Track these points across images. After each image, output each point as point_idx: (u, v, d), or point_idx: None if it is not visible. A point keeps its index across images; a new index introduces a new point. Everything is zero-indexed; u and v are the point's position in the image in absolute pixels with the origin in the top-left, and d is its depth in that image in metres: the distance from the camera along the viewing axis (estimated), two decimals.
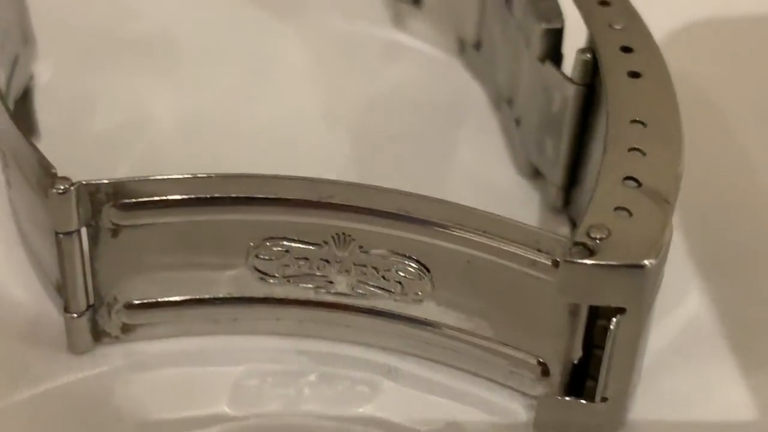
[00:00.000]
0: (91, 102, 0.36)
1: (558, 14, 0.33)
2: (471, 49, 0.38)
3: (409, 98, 0.38)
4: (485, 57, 0.37)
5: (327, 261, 0.28)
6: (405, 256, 0.28)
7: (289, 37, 0.39)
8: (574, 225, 0.33)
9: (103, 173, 0.34)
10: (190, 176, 0.27)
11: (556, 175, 0.33)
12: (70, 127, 0.36)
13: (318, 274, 0.28)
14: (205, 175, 0.27)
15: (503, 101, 0.36)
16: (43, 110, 0.36)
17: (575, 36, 0.33)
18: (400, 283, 0.28)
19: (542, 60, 0.33)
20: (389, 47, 0.40)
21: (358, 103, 0.37)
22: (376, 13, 0.40)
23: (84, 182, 0.26)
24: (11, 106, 0.33)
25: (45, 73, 0.37)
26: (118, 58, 0.38)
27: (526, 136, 0.34)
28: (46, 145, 0.34)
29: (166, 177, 0.27)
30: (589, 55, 0.31)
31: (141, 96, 0.37)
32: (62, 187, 0.26)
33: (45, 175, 0.27)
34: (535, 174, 0.35)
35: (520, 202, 0.34)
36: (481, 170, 0.35)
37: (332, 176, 0.35)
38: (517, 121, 0.35)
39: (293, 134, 0.36)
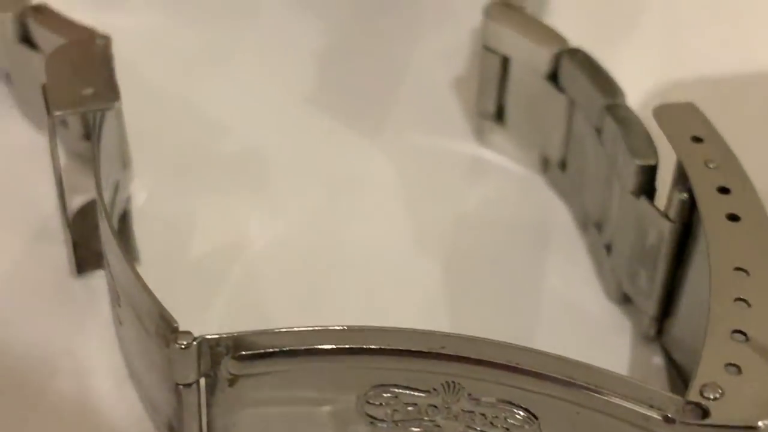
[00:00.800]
0: (186, 224, 0.37)
1: (652, 150, 0.33)
2: (555, 168, 0.39)
3: (494, 217, 0.38)
4: (571, 178, 0.38)
5: (435, 407, 0.29)
6: (514, 404, 0.28)
7: (374, 154, 0.40)
8: (667, 355, 0.34)
9: (201, 299, 0.35)
10: (305, 329, 0.28)
11: (650, 305, 0.34)
12: (166, 249, 0.36)
13: (426, 418, 0.29)
14: (320, 328, 0.28)
15: (591, 224, 0.37)
16: (139, 232, 0.37)
17: (664, 163, 0.34)
18: (507, 429, 0.29)
19: (636, 195, 0.33)
20: (472, 163, 0.40)
21: (444, 222, 0.38)
22: (458, 128, 0.41)
23: (206, 336, 0.27)
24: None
25: (140, 194, 0.38)
26: (210, 177, 0.39)
27: (618, 264, 0.35)
28: (144, 269, 0.35)
29: (283, 330, 0.28)
30: (685, 195, 0.32)
31: (235, 217, 0.38)
32: (185, 343, 0.27)
33: (166, 328, 0.27)
34: (624, 299, 0.35)
35: (609, 329, 0.35)
36: (569, 294, 0.36)
37: (422, 299, 0.36)
38: (608, 248, 0.36)
39: (383, 255, 0.37)
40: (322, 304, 0.35)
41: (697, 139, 0.33)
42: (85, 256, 0.35)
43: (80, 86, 0.33)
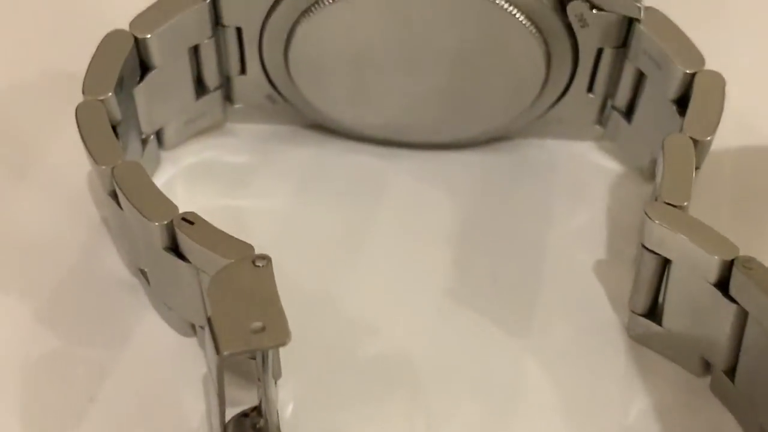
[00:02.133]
0: None
1: None
2: (720, 375, 0.37)
3: (660, 429, 0.37)
4: (742, 389, 0.36)
5: None
6: None
7: (524, 356, 0.38)
8: None
9: None
10: None
11: None
12: None
13: None
14: None
15: None
16: None
17: None
18: None
19: None
20: (627, 365, 0.38)
21: None
22: (608, 323, 0.39)
23: None
24: None
25: (286, 406, 0.36)
26: (358, 384, 0.37)
27: None
28: None
29: None
30: None
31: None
32: None
33: None
34: None
35: None
36: None
37: None
38: None
39: None
40: None
41: None
42: None
43: (248, 319, 0.31)
